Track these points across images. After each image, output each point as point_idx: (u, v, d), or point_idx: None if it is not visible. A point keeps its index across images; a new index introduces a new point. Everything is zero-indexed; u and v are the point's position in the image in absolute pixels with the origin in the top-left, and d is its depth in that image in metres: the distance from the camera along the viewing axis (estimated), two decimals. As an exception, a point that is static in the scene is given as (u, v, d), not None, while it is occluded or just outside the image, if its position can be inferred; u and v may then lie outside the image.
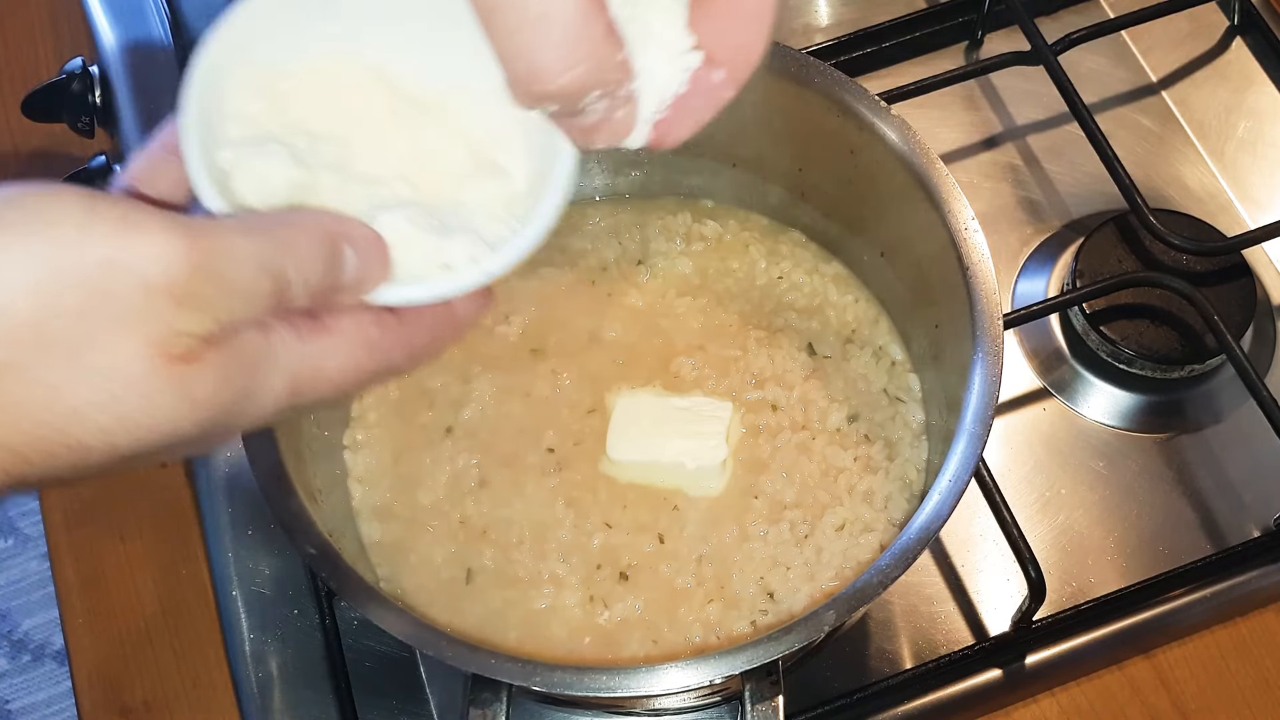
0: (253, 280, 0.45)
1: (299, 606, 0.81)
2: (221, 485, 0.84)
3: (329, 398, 0.50)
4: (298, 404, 0.48)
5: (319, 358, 0.48)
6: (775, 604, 0.73)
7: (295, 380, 0.47)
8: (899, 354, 0.81)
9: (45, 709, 1.81)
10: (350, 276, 0.49)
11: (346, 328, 0.49)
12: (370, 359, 0.50)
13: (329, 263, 0.48)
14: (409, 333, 0.51)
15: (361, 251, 0.49)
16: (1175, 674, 0.81)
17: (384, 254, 0.50)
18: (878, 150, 0.74)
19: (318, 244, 0.47)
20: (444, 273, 0.51)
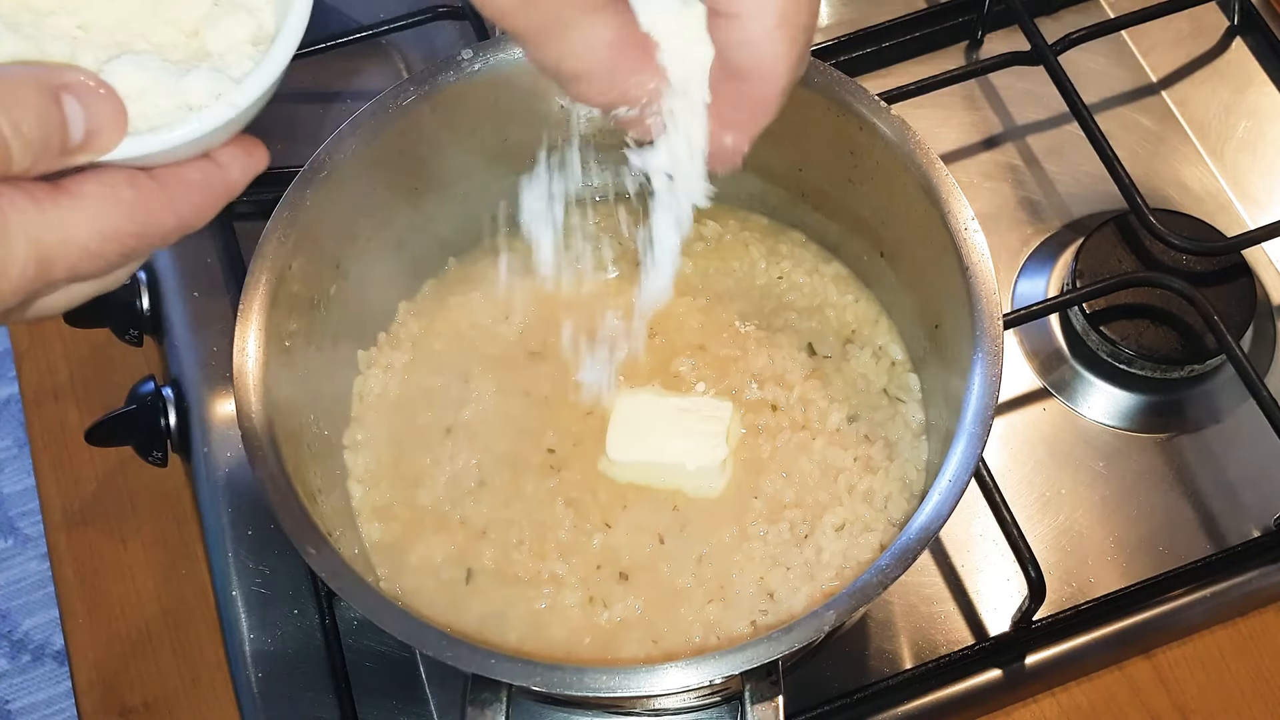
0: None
1: (299, 606, 0.81)
2: (221, 485, 0.84)
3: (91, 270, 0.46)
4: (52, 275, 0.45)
5: (65, 225, 0.45)
6: (775, 604, 0.73)
7: (40, 248, 0.44)
8: (899, 354, 0.81)
9: (45, 709, 1.81)
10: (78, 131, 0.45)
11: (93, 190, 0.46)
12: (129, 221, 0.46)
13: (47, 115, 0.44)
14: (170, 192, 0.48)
15: (88, 102, 0.45)
16: (1175, 674, 0.81)
17: (115, 104, 0.46)
18: (878, 150, 0.74)
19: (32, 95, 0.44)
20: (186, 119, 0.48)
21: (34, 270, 0.44)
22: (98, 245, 0.46)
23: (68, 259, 0.45)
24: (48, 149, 0.44)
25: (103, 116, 0.46)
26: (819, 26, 1.01)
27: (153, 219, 0.47)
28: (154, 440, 0.86)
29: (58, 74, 0.45)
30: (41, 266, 0.44)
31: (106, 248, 0.46)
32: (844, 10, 1.03)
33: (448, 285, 0.84)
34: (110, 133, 0.46)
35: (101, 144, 0.46)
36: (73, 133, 0.45)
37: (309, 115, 0.96)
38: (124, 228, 0.46)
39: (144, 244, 0.47)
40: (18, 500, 1.94)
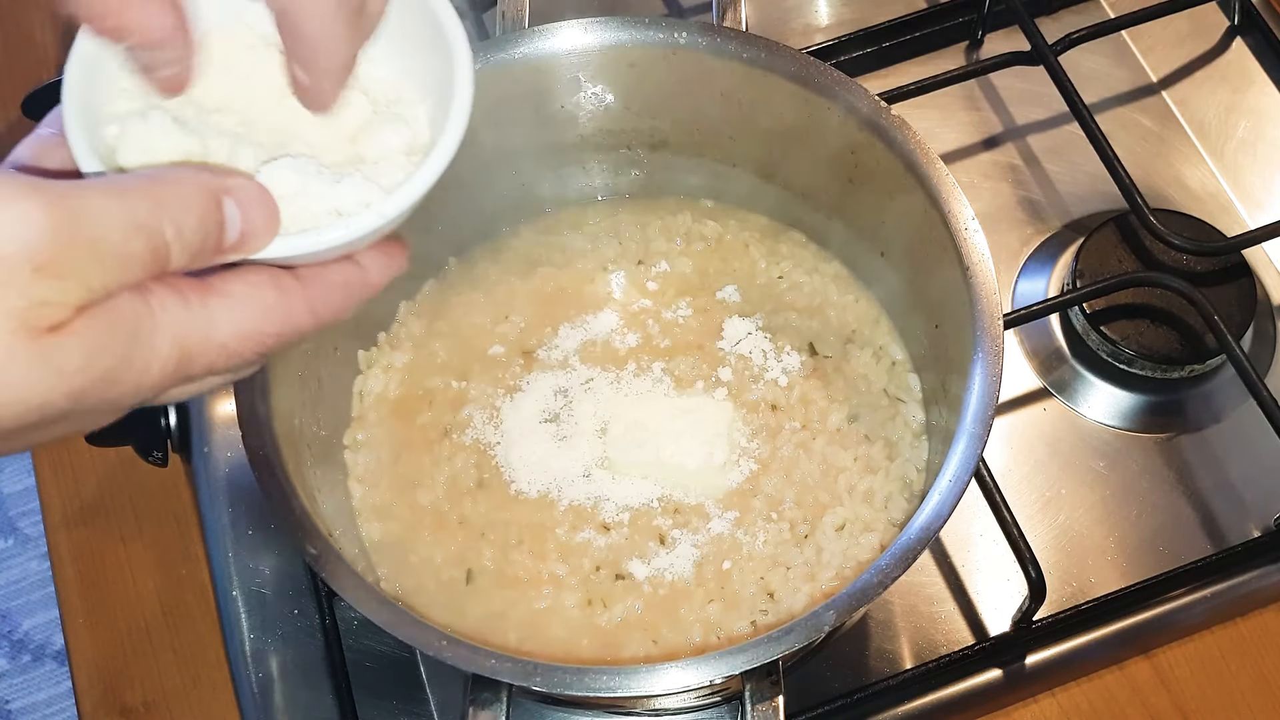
0: (123, 242, 0.43)
1: (299, 606, 0.81)
2: (221, 485, 0.84)
3: (226, 366, 0.47)
4: (190, 373, 0.46)
5: (209, 324, 0.46)
6: (775, 604, 0.73)
7: (183, 347, 0.45)
8: (899, 354, 0.81)
9: (45, 709, 1.81)
10: (234, 233, 0.46)
11: (238, 290, 0.47)
12: (269, 322, 0.47)
13: (207, 218, 0.45)
14: (312, 294, 0.49)
15: (244, 205, 0.46)
16: (1175, 674, 0.81)
17: (270, 206, 0.47)
18: (878, 150, 0.74)
19: (194, 198, 0.45)
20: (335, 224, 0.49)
21: (174, 367, 0.45)
22: (236, 344, 0.47)
23: (207, 357, 0.46)
24: (204, 250, 0.46)
25: (258, 220, 0.47)
26: (819, 27, 1.02)
27: (292, 319, 0.48)
28: (154, 440, 0.86)
29: (221, 179, 0.46)
30: (182, 364, 0.46)
31: (244, 346, 0.47)
32: (844, 10, 1.03)
33: (448, 285, 0.84)
34: (263, 235, 0.47)
35: (254, 245, 0.47)
36: (229, 234, 0.46)
37: (309, 115, 0.96)
38: (264, 328, 0.47)
39: (280, 342, 0.49)
40: (18, 500, 1.94)
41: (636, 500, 0.76)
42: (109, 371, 0.43)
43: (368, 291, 0.51)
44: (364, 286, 0.51)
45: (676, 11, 1.04)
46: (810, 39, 0.99)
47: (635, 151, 0.84)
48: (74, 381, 0.43)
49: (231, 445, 0.84)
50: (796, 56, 0.76)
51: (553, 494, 0.76)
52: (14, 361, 0.41)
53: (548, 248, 0.86)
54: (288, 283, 0.48)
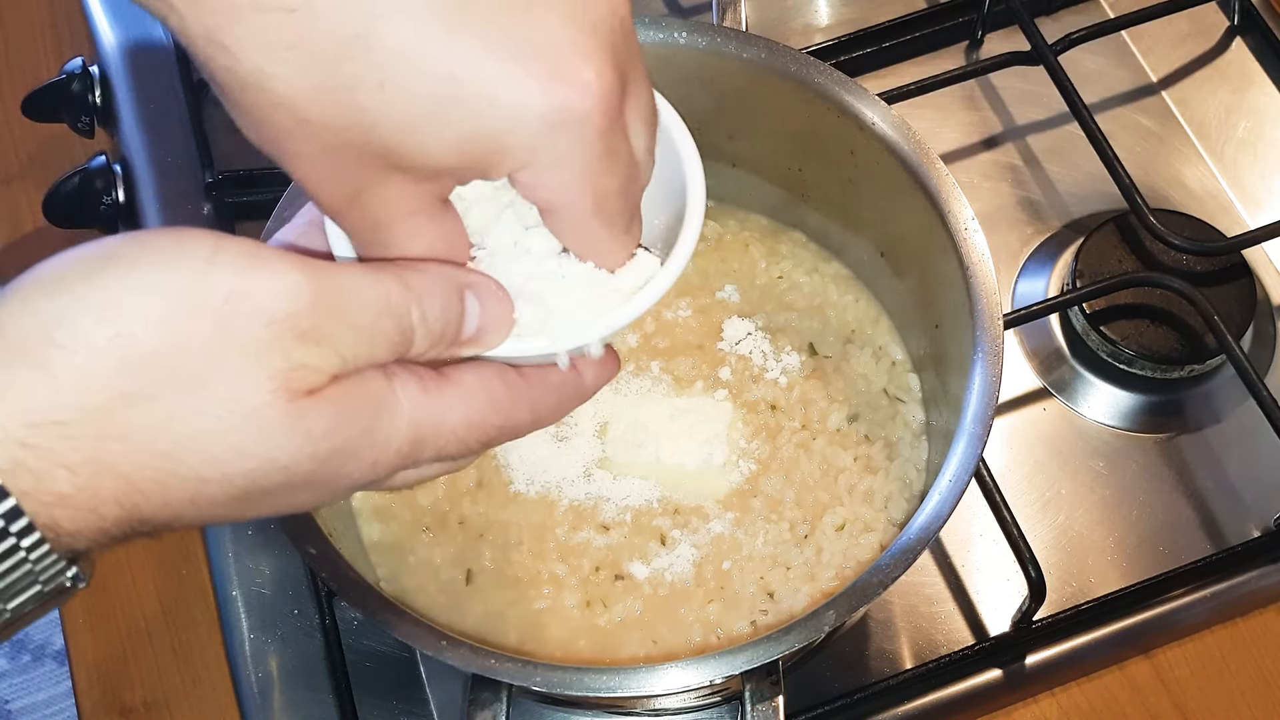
0: (375, 319, 0.45)
1: (299, 606, 0.81)
2: (221, 485, 0.84)
3: (452, 453, 0.49)
4: (420, 456, 0.48)
5: (443, 410, 0.48)
6: (775, 604, 0.73)
7: (418, 429, 0.47)
8: (899, 354, 0.81)
9: (45, 709, 1.81)
10: (472, 326, 0.49)
11: (471, 382, 0.49)
12: (495, 414, 0.50)
13: (452, 310, 0.48)
14: (534, 393, 0.51)
15: (484, 300, 0.49)
16: (1175, 674, 0.81)
17: (506, 305, 0.50)
18: (878, 150, 0.74)
19: (440, 288, 0.47)
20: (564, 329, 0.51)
21: (409, 449, 0.47)
22: (465, 432, 0.49)
23: (438, 441, 0.48)
24: (444, 340, 0.48)
25: (495, 316, 0.49)
26: (819, 27, 1.02)
27: (514, 414, 0.51)
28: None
29: (464, 274, 0.49)
30: (415, 446, 0.48)
31: (471, 435, 0.49)
32: (844, 10, 1.03)
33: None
34: (498, 332, 0.50)
35: (489, 341, 0.50)
36: (468, 327, 0.49)
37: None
38: (490, 419, 0.50)
39: (502, 436, 0.51)
40: (18, 500, 1.93)
41: (636, 500, 0.76)
42: (351, 442, 0.45)
43: (582, 395, 0.53)
44: (579, 390, 0.53)
45: (676, 11, 1.04)
46: (810, 39, 0.99)
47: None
48: (319, 446, 0.44)
49: (231, 445, 0.84)
50: (796, 56, 0.76)
51: (552, 494, 0.76)
52: (270, 419, 0.43)
53: (548, 248, 0.85)
54: (513, 380, 0.50)
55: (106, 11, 1.01)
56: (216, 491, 0.44)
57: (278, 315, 0.43)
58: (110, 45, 1.00)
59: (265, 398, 0.43)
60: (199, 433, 0.43)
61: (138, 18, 1.01)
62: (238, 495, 0.44)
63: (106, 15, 1.01)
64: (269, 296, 0.43)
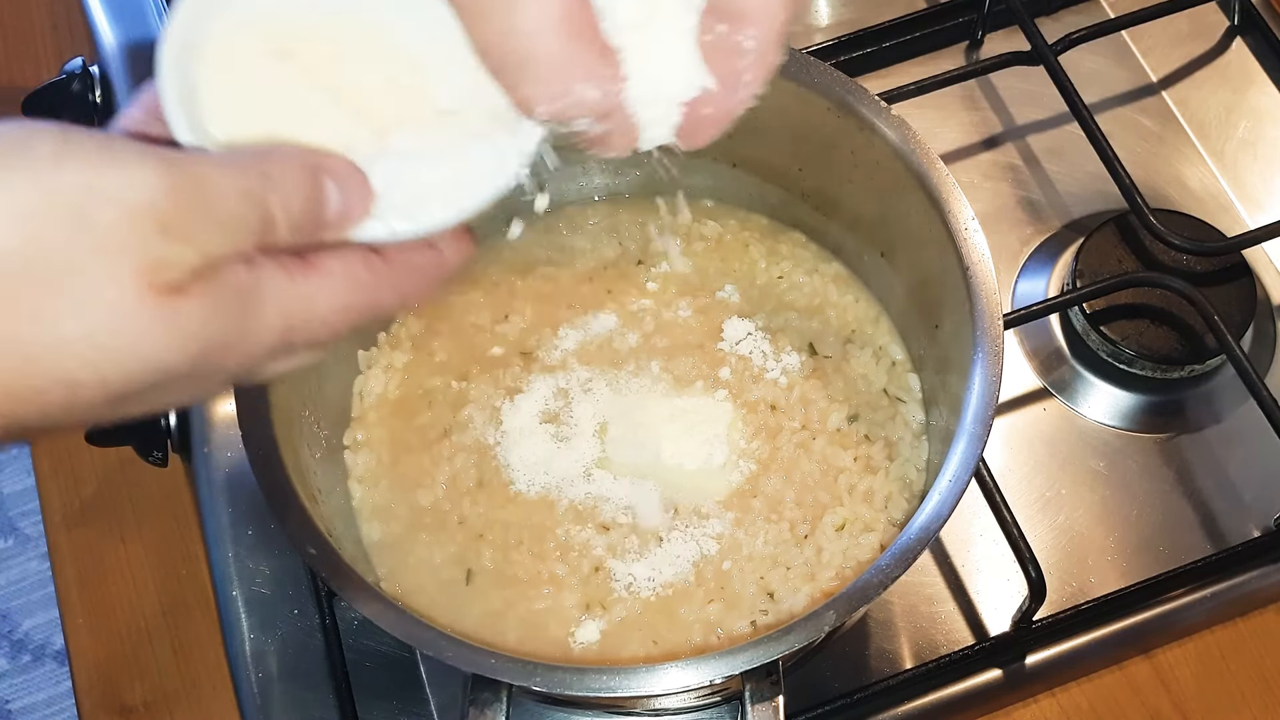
0: (236, 211, 0.45)
1: (299, 606, 0.81)
2: (221, 485, 0.84)
3: (322, 339, 0.49)
4: (292, 344, 0.48)
5: (310, 297, 0.48)
6: (775, 604, 0.73)
7: (287, 318, 0.47)
8: (899, 354, 0.81)
9: (45, 709, 1.81)
10: (333, 211, 0.48)
11: (335, 267, 0.49)
12: (360, 298, 0.50)
13: (311, 195, 0.47)
14: (396, 274, 0.51)
15: (343, 185, 0.49)
16: (1175, 674, 0.81)
17: (365, 188, 0.50)
18: (878, 150, 0.74)
19: (299, 176, 0.47)
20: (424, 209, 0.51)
21: (279, 337, 0.47)
22: (334, 317, 0.49)
23: (308, 328, 0.48)
24: (305, 226, 0.48)
25: (353, 200, 0.49)
26: (819, 27, 1.02)
27: (380, 296, 0.51)
28: (154, 440, 0.86)
29: (321, 158, 0.49)
30: (286, 334, 0.48)
31: (339, 320, 0.49)
32: (844, 10, 1.03)
33: (448, 285, 0.84)
34: (357, 215, 0.50)
35: (350, 224, 0.50)
36: (328, 212, 0.49)
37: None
38: (357, 303, 0.50)
39: (369, 318, 0.51)
40: (18, 500, 1.94)
41: (636, 500, 0.76)
42: (223, 336, 0.45)
43: (444, 272, 0.54)
44: (441, 267, 0.53)
45: (676, 11, 1.04)
46: (810, 39, 0.99)
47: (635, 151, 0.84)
48: (193, 345, 0.44)
49: (231, 445, 0.84)
50: (796, 56, 0.76)
51: (552, 494, 0.76)
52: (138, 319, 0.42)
53: (548, 248, 0.86)
54: (377, 263, 0.51)
55: (106, 11, 1.01)
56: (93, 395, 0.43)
57: (135, 209, 0.42)
58: (110, 45, 1.00)
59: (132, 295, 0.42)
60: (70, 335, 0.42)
61: (138, 18, 1.01)
62: (114, 397, 0.44)
63: (106, 15, 1.01)
64: (125, 190, 0.42)
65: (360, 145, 0.52)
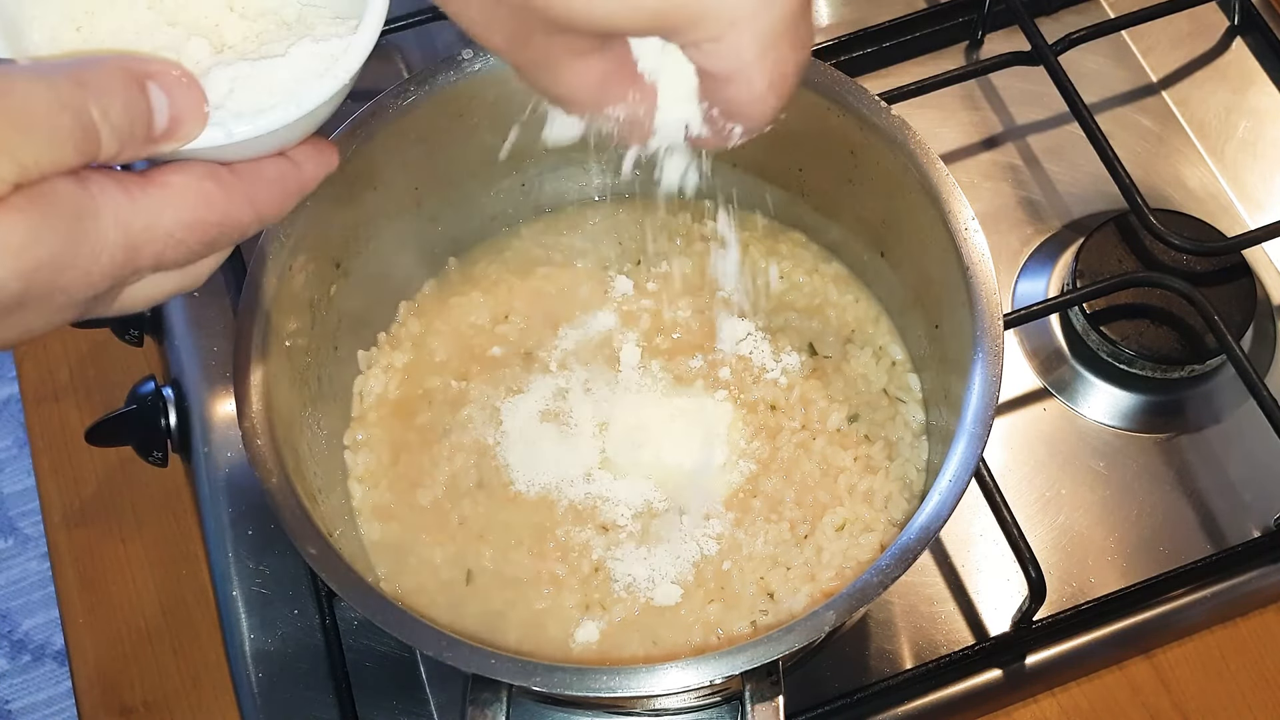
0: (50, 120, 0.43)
1: (299, 606, 0.81)
2: (221, 485, 0.84)
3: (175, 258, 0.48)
4: (139, 261, 0.46)
5: (152, 212, 0.46)
6: (775, 604, 0.73)
7: (129, 233, 0.45)
8: (899, 354, 0.81)
9: (45, 709, 1.81)
10: (162, 119, 0.47)
11: (177, 181, 0.47)
12: (211, 212, 0.48)
13: (134, 102, 0.45)
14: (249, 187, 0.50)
15: (170, 90, 0.47)
16: (1175, 674, 0.81)
17: (196, 92, 0.48)
18: (878, 150, 0.74)
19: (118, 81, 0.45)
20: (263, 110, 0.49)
21: (123, 255, 0.46)
22: (182, 233, 0.47)
23: (154, 245, 0.47)
24: (134, 137, 0.46)
25: (186, 106, 0.47)
26: (820, 27, 1.02)
27: (233, 210, 0.49)
28: (154, 440, 0.86)
29: (144, 63, 0.47)
30: (130, 252, 0.46)
31: (190, 235, 0.48)
32: (844, 10, 1.03)
33: (448, 285, 0.84)
34: (192, 122, 0.48)
35: (184, 132, 0.47)
36: (158, 121, 0.46)
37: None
38: (206, 217, 0.48)
39: (224, 235, 0.49)
40: (18, 500, 1.94)
41: (636, 500, 0.76)
42: (56, 255, 0.43)
43: (302, 186, 0.52)
44: (298, 181, 0.52)
45: (676, 11, 1.04)
46: (810, 39, 0.99)
47: (635, 151, 0.84)
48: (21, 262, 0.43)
49: (231, 445, 0.85)
50: (796, 56, 0.76)
51: (552, 494, 0.76)
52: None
53: (548, 248, 0.86)
54: (225, 176, 0.49)
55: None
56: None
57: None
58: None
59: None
60: None
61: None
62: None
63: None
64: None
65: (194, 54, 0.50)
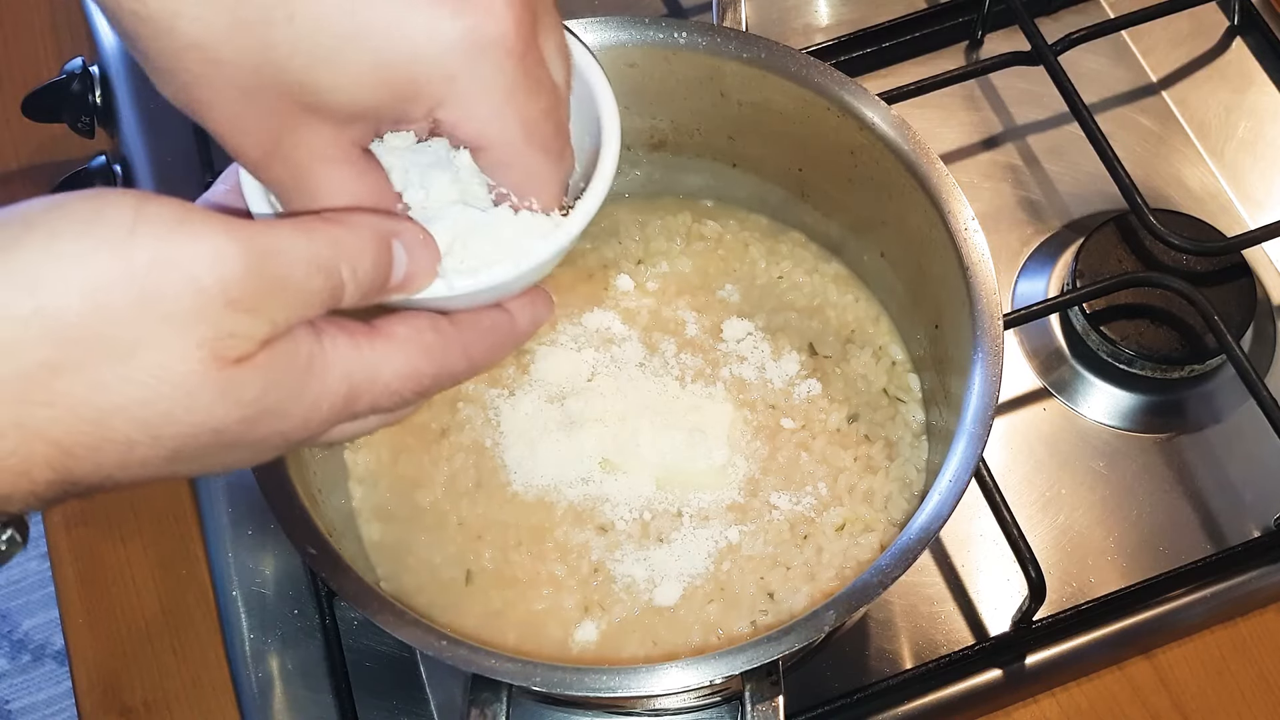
0: (306, 279, 0.45)
1: (299, 606, 0.81)
2: (221, 485, 0.84)
3: (388, 405, 0.49)
4: (356, 410, 0.48)
5: (376, 363, 0.48)
6: (775, 604, 0.73)
7: (351, 384, 0.47)
8: (899, 354, 0.81)
9: (45, 709, 1.81)
10: (400, 273, 0.49)
11: (402, 333, 0.49)
12: (428, 364, 0.50)
13: (380, 259, 0.48)
14: (466, 338, 0.51)
15: (410, 247, 0.49)
16: (1175, 674, 0.81)
17: (432, 249, 0.50)
18: (878, 150, 0.74)
19: (369, 240, 0.47)
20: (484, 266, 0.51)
21: (342, 404, 0.48)
22: (399, 384, 0.49)
23: (372, 394, 0.48)
24: (373, 290, 0.48)
25: (422, 261, 0.50)
26: (819, 27, 1.02)
27: (449, 361, 0.51)
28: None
29: (391, 222, 0.49)
30: (349, 401, 0.48)
31: (405, 386, 0.49)
32: (844, 10, 1.03)
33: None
34: (425, 276, 0.50)
35: (417, 285, 0.50)
36: (395, 274, 0.49)
37: (309, 115, 0.96)
38: (423, 369, 0.50)
39: (437, 385, 0.51)
40: (18, 500, 1.93)
41: (635, 500, 0.76)
42: (281, 403, 0.46)
43: (516, 337, 0.54)
44: (512, 332, 0.53)
45: (676, 11, 1.04)
46: (810, 39, 0.99)
47: (635, 151, 0.84)
48: (249, 410, 0.44)
49: (231, 445, 0.84)
50: (796, 56, 0.76)
51: (551, 495, 0.76)
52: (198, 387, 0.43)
53: (547, 248, 0.85)
54: (444, 326, 0.51)
55: (106, 11, 1.01)
56: (147, 454, 0.44)
57: (205, 283, 0.42)
58: (110, 45, 1.00)
59: (194, 366, 0.43)
60: (128, 401, 0.42)
61: (138, 18, 1.00)
62: (168, 456, 0.44)
63: (106, 15, 1.01)
64: (195, 264, 0.42)
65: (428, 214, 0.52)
